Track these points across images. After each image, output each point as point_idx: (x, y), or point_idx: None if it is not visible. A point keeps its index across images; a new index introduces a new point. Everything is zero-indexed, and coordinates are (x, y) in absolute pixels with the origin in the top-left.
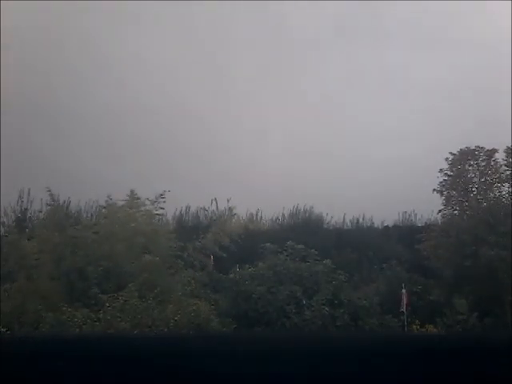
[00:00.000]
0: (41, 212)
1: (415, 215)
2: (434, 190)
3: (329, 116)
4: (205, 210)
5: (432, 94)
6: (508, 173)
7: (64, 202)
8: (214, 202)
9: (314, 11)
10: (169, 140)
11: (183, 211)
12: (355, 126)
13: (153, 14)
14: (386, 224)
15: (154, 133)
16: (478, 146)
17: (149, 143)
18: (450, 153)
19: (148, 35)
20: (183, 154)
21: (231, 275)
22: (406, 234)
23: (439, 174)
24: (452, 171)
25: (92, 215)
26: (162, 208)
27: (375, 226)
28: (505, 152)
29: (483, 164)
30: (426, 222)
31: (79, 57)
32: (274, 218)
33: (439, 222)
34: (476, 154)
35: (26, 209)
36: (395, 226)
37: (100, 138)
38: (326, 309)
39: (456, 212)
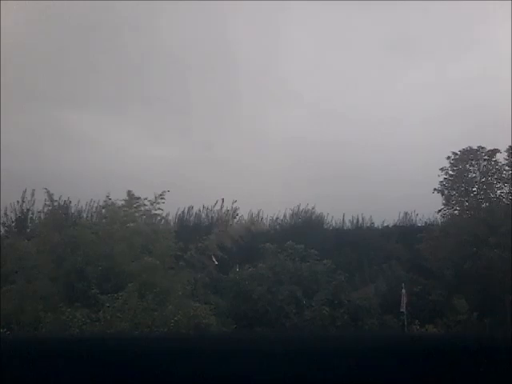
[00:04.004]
0: (42, 212)
1: (415, 215)
2: (435, 189)
3: (328, 116)
4: (207, 209)
5: (432, 93)
6: (509, 173)
7: (64, 202)
8: (218, 202)
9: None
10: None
11: (185, 211)
12: (355, 126)
13: None
14: (386, 224)
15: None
16: (480, 146)
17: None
18: (452, 152)
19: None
20: (183, 153)
21: (231, 275)
22: (406, 233)
23: (440, 173)
24: (453, 171)
25: (92, 215)
26: (160, 209)
27: (375, 226)
28: (506, 152)
29: (484, 164)
30: (426, 222)
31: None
32: (275, 218)
33: (439, 221)
34: (477, 154)
35: (28, 209)
36: (395, 226)
37: (99, 137)
38: (326, 309)
39: (456, 212)
